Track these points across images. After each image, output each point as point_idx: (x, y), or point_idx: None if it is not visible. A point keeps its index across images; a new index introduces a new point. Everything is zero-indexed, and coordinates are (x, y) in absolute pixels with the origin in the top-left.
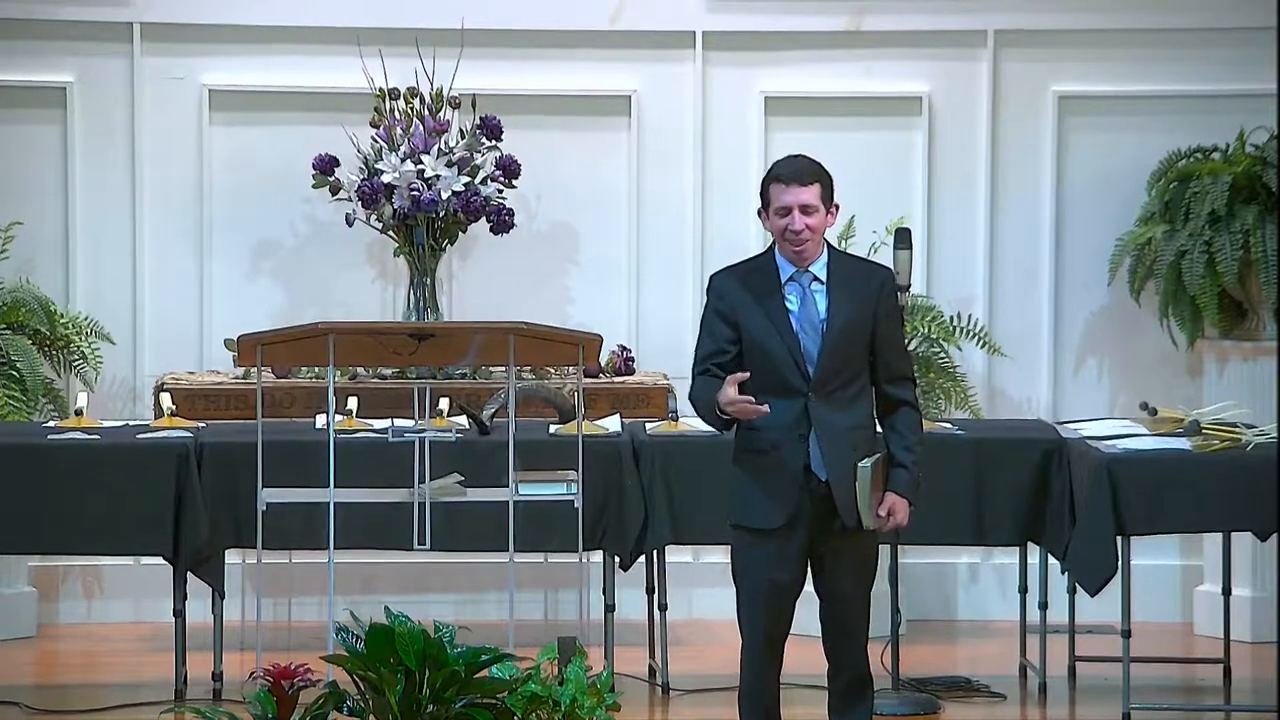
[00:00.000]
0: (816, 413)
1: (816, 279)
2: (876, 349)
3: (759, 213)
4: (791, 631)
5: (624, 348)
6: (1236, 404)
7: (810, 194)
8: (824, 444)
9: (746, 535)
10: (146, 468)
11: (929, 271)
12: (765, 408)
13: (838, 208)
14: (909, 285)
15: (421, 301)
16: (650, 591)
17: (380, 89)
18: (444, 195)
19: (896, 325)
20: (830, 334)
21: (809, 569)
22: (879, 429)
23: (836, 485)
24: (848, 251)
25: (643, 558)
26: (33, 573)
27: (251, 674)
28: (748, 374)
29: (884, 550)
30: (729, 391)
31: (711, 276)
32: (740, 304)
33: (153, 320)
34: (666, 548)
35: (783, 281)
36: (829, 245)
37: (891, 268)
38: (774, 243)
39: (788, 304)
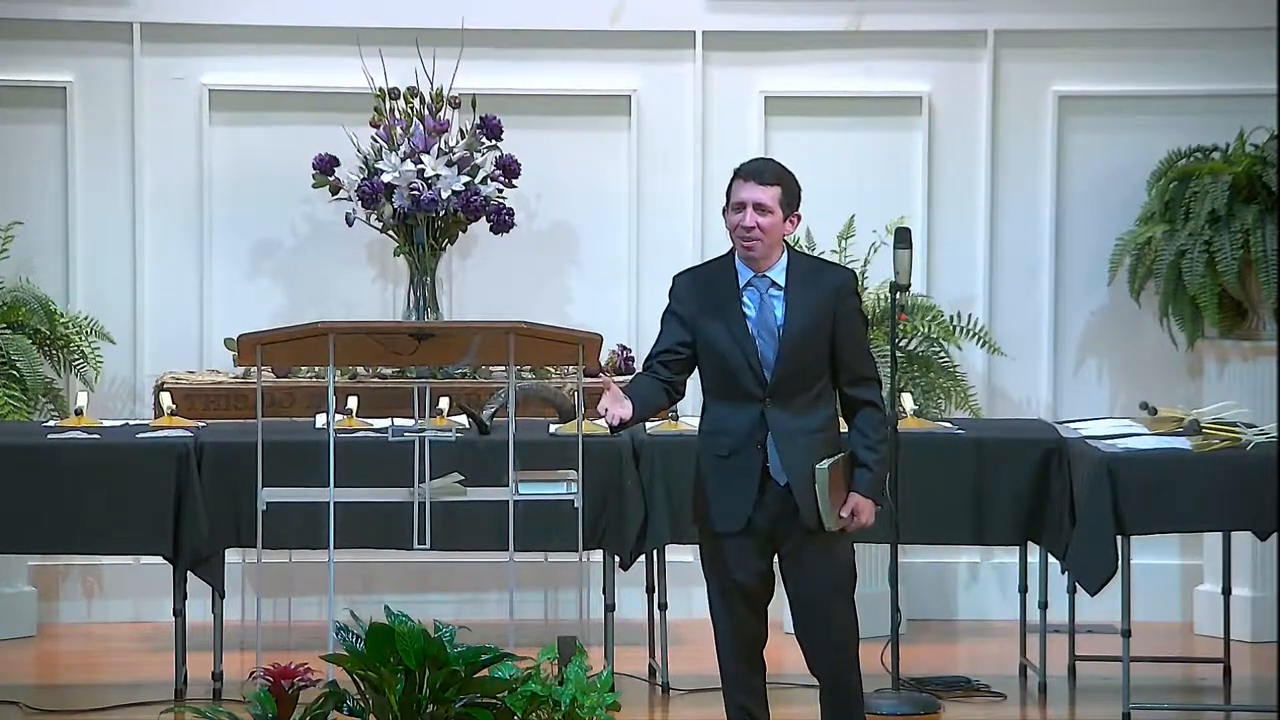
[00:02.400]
0: (773, 418)
1: (774, 284)
2: (836, 352)
3: (723, 211)
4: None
5: (624, 347)
6: (1236, 404)
7: (767, 194)
8: (782, 448)
9: (708, 537)
10: (146, 468)
11: (929, 271)
12: (617, 414)
13: (799, 218)
14: (909, 285)
15: (421, 301)
16: (650, 591)
17: (380, 89)
18: (444, 195)
19: (856, 327)
20: (787, 340)
21: (778, 572)
22: (844, 429)
23: (798, 488)
24: (808, 253)
25: (643, 557)
26: (33, 572)
27: (251, 674)
28: (618, 386)
29: (884, 550)
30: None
31: (675, 277)
32: (697, 309)
33: (153, 320)
34: (666, 547)
35: (740, 287)
36: (789, 249)
37: (853, 270)
38: (734, 246)
39: (745, 309)
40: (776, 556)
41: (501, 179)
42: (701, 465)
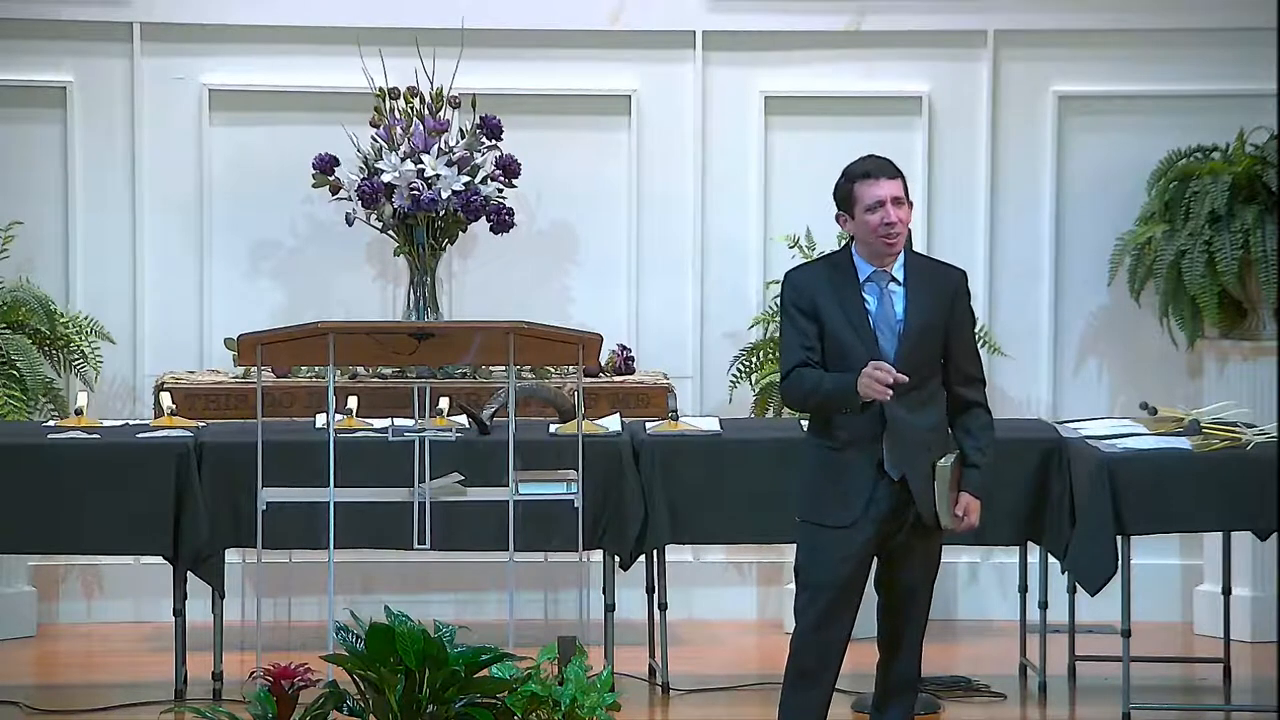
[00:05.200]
0: (892, 413)
1: (894, 279)
2: (950, 351)
3: (838, 218)
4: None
5: (624, 347)
6: (1236, 404)
7: (899, 187)
8: (898, 444)
9: (815, 532)
10: (146, 468)
11: None
12: (892, 384)
13: (912, 204)
14: None
15: (421, 301)
16: (650, 591)
17: (380, 89)
18: (444, 195)
19: (969, 327)
20: (907, 335)
21: (874, 566)
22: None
23: (915, 485)
24: (922, 253)
25: (643, 557)
26: (33, 572)
27: (251, 674)
28: (905, 379)
29: None
30: (877, 373)
31: (788, 273)
32: (819, 300)
33: (153, 320)
34: (666, 547)
35: (861, 281)
36: (905, 246)
37: (964, 270)
38: (849, 242)
39: (865, 303)
40: (877, 553)
41: (501, 179)
42: (811, 459)
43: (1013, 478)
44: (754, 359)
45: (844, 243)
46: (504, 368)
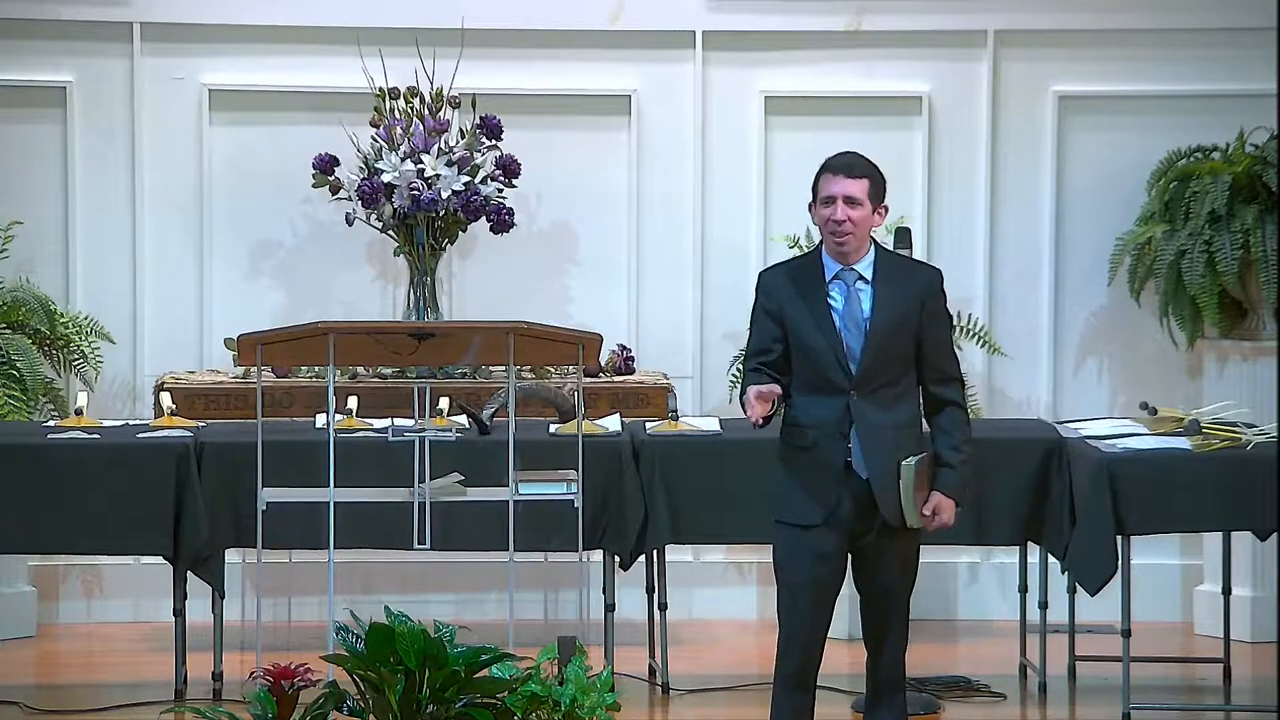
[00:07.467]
0: (858, 410)
1: (862, 277)
2: (923, 349)
3: (809, 207)
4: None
5: (624, 347)
6: (1236, 404)
7: (856, 187)
8: (865, 442)
9: (788, 531)
10: (146, 468)
11: None
12: (761, 414)
13: (886, 209)
14: None
15: (421, 301)
16: (650, 591)
17: (380, 89)
18: (444, 195)
19: (944, 326)
20: (873, 332)
21: (850, 566)
22: (926, 428)
23: (878, 483)
24: (897, 252)
25: (643, 557)
26: (33, 572)
27: (251, 674)
28: (779, 390)
29: None
30: (749, 392)
31: (760, 274)
32: (785, 301)
33: (153, 320)
34: (666, 547)
35: (827, 279)
36: (877, 245)
37: (939, 269)
38: (821, 241)
39: (831, 301)
40: (851, 551)
41: (501, 179)
42: (782, 457)
43: (1013, 478)
44: None
45: (819, 242)
46: (504, 368)
